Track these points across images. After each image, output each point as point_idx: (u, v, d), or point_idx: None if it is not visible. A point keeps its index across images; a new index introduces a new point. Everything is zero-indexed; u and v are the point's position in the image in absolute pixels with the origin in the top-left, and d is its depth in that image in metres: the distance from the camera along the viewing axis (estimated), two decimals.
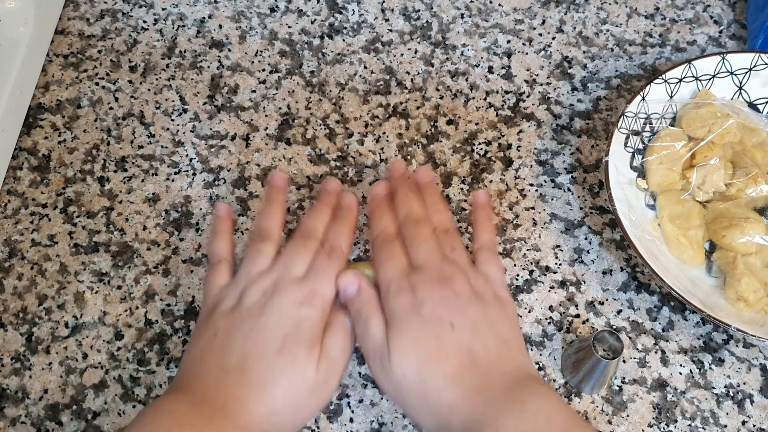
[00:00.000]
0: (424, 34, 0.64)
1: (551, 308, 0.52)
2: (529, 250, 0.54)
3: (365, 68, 0.62)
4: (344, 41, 0.63)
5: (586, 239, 0.55)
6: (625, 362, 0.51)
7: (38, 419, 0.47)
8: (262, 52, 0.62)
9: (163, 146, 0.58)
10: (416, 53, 0.63)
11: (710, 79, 0.58)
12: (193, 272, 0.52)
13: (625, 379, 0.50)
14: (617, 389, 0.50)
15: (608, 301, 0.53)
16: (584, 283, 0.53)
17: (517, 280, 0.53)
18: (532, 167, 0.58)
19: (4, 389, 0.48)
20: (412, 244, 0.46)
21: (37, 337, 0.50)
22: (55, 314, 0.51)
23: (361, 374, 0.49)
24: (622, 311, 0.52)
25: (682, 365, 0.51)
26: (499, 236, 0.55)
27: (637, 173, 0.56)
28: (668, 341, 0.51)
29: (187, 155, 0.57)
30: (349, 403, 0.48)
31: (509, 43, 0.64)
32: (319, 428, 0.48)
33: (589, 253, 0.55)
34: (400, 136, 0.59)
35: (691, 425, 0.49)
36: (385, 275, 0.45)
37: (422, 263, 0.45)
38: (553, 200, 0.57)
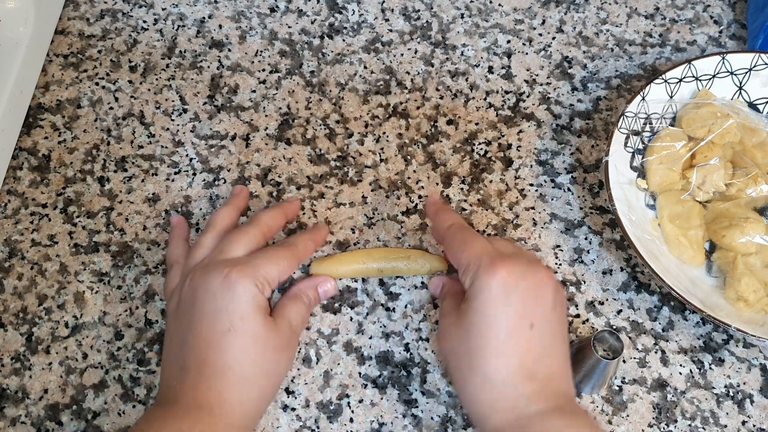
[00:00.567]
0: (424, 34, 0.64)
1: None
2: (529, 250, 0.54)
3: (365, 68, 0.62)
4: (344, 41, 0.63)
5: (586, 239, 0.55)
6: (625, 362, 0.51)
7: (38, 419, 0.47)
8: (262, 52, 0.62)
9: (163, 146, 0.58)
10: (416, 53, 0.63)
11: (710, 79, 0.58)
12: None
13: (625, 379, 0.50)
14: (617, 389, 0.50)
15: (608, 301, 0.53)
16: (584, 283, 0.53)
17: None
18: (532, 167, 0.58)
19: (4, 389, 0.48)
20: (492, 239, 0.45)
21: (37, 337, 0.50)
22: (55, 314, 0.51)
23: (361, 374, 0.49)
24: (622, 311, 0.52)
25: (682, 365, 0.51)
26: (499, 236, 0.55)
27: (637, 173, 0.56)
28: (668, 341, 0.51)
29: (187, 155, 0.57)
30: (349, 403, 0.48)
31: (509, 43, 0.64)
32: (319, 428, 0.48)
33: (589, 253, 0.55)
34: (400, 136, 0.59)
35: (691, 425, 0.49)
36: (474, 250, 0.42)
37: (511, 252, 0.43)
38: (553, 200, 0.57)
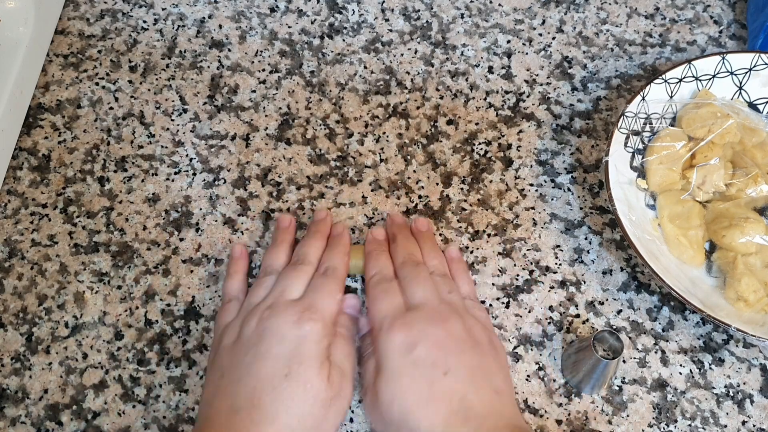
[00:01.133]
0: (424, 34, 0.64)
1: (551, 308, 0.52)
2: (529, 250, 0.54)
3: (365, 68, 0.62)
4: (344, 41, 0.63)
5: (586, 239, 0.55)
6: (625, 362, 0.51)
7: (38, 419, 0.47)
8: (262, 52, 0.62)
9: (163, 146, 0.58)
10: (416, 53, 0.63)
11: (710, 79, 0.58)
12: (193, 272, 0.52)
13: (625, 379, 0.50)
14: (617, 389, 0.50)
15: (608, 301, 0.53)
16: (584, 283, 0.53)
17: (517, 280, 0.53)
18: (532, 167, 0.58)
19: (4, 389, 0.48)
20: (410, 284, 0.46)
21: (37, 337, 0.50)
22: (55, 314, 0.51)
23: (361, 374, 0.49)
24: (622, 311, 0.52)
25: (682, 365, 0.51)
26: (499, 236, 0.55)
27: (637, 173, 0.56)
28: (668, 341, 0.51)
29: (187, 155, 0.57)
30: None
31: (509, 43, 0.64)
32: None
33: (589, 253, 0.55)
34: (400, 136, 0.59)
35: (691, 425, 0.49)
36: (379, 312, 0.44)
37: (419, 303, 0.44)
38: (553, 200, 0.57)
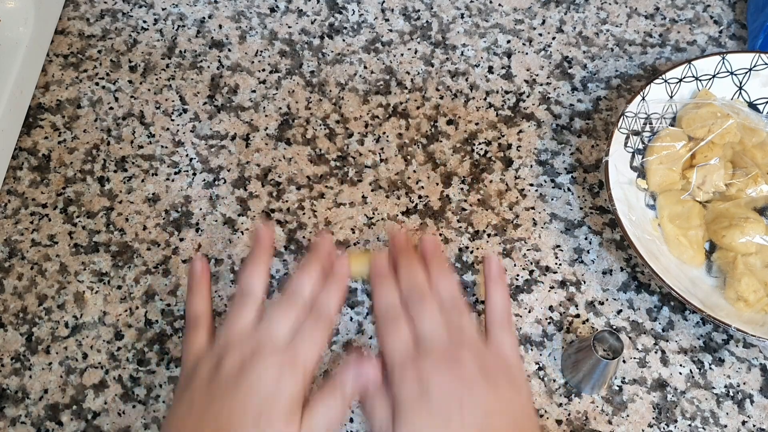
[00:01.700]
0: (424, 34, 0.64)
1: (551, 308, 0.52)
2: (529, 250, 0.54)
3: (365, 68, 0.62)
4: (344, 41, 0.63)
5: (586, 239, 0.55)
6: (625, 362, 0.51)
7: (38, 419, 0.47)
8: (262, 52, 0.62)
9: (163, 146, 0.58)
10: (416, 53, 0.63)
11: (710, 79, 0.58)
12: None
13: (625, 379, 0.50)
14: (617, 389, 0.50)
15: (608, 301, 0.53)
16: (584, 283, 0.53)
17: (517, 280, 0.53)
18: (532, 167, 0.58)
19: (4, 389, 0.48)
20: (417, 317, 0.44)
21: (37, 337, 0.50)
22: (55, 314, 0.51)
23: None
24: (622, 311, 0.52)
25: (682, 365, 0.51)
26: (499, 236, 0.55)
27: (637, 173, 0.56)
28: (668, 341, 0.51)
29: (187, 155, 0.57)
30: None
31: (509, 43, 0.64)
32: None
33: (589, 253, 0.55)
34: (400, 136, 0.59)
35: (691, 425, 0.49)
36: (389, 352, 0.42)
37: (429, 340, 0.42)
38: (553, 200, 0.57)
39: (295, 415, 0.40)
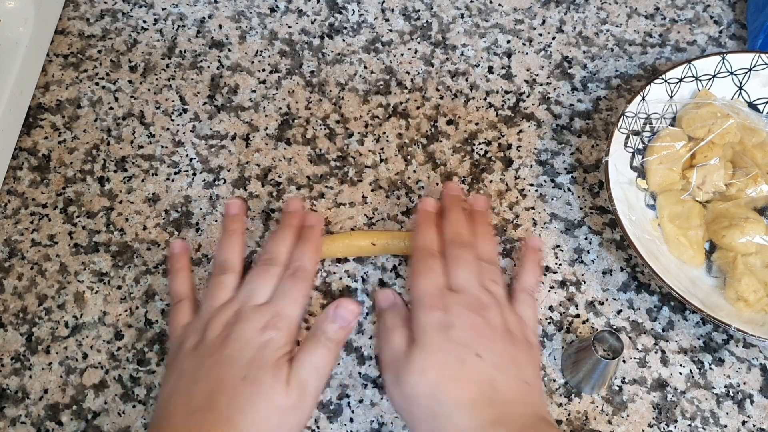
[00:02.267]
0: (424, 34, 0.64)
1: (551, 308, 0.52)
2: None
3: (365, 68, 0.62)
4: (344, 41, 0.63)
5: (586, 239, 0.55)
6: (625, 362, 0.51)
7: (38, 419, 0.47)
8: (262, 52, 0.62)
9: (163, 146, 0.58)
10: (416, 53, 0.63)
11: (710, 79, 0.58)
12: (193, 272, 0.52)
13: (625, 379, 0.50)
14: (617, 389, 0.50)
15: (608, 301, 0.53)
16: (584, 283, 0.53)
17: None
18: (532, 167, 0.58)
19: (4, 389, 0.48)
20: (453, 265, 0.45)
21: (37, 337, 0.50)
22: (55, 314, 0.51)
23: (361, 374, 0.49)
24: (622, 311, 0.52)
25: (682, 365, 0.51)
26: (499, 237, 0.55)
27: (637, 173, 0.56)
28: (668, 341, 0.51)
29: (187, 155, 0.57)
30: (349, 403, 0.48)
31: (509, 43, 0.64)
32: (319, 428, 0.48)
33: (589, 253, 0.55)
34: (400, 136, 0.59)
35: (691, 425, 0.49)
36: (419, 288, 0.44)
37: (460, 287, 0.44)
38: (553, 200, 0.57)
39: (282, 364, 0.42)
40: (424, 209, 0.49)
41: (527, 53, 0.63)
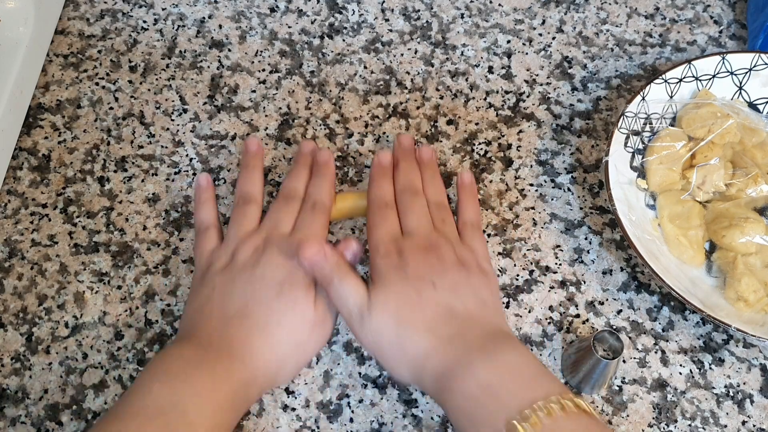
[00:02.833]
0: (424, 34, 0.64)
1: (551, 308, 0.52)
2: (529, 250, 0.54)
3: (365, 68, 0.62)
4: (344, 41, 0.63)
5: (586, 239, 0.55)
6: (625, 362, 0.51)
7: (38, 419, 0.47)
8: (262, 52, 0.62)
9: (163, 146, 0.58)
10: (416, 53, 0.63)
11: (710, 79, 0.58)
12: (193, 272, 0.52)
13: (625, 379, 0.50)
14: (617, 389, 0.50)
15: (608, 301, 0.53)
16: (584, 283, 0.53)
17: (517, 280, 0.53)
18: (532, 167, 0.58)
19: (4, 389, 0.48)
20: (406, 212, 0.48)
21: (37, 337, 0.50)
22: (55, 314, 0.51)
23: (361, 374, 0.49)
24: (622, 311, 0.52)
25: (682, 365, 0.51)
26: (499, 236, 0.55)
27: (637, 173, 0.56)
28: (668, 341, 0.51)
29: (187, 155, 0.57)
30: (349, 403, 0.48)
31: (509, 43, 0.64)
32: (319, 428, 0.48)
33: (589, 253, 0.55)
34: None
35: (691, 425, 0.49)
36: (375, 237, 0.47)
37: (413, 230, 0.47)
38: (553, 200, 0.57)
39: (311, 285, 0.45)
40: (378, 162, 0.52)
41: (527, 53, 0.63)
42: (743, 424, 0.49)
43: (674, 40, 0.65)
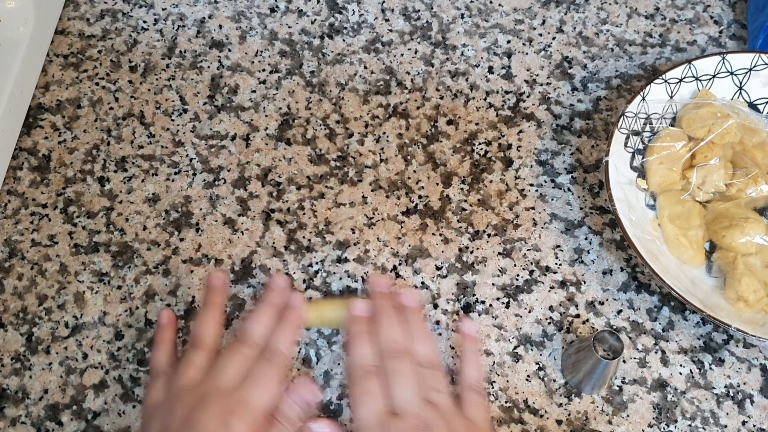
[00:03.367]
0: (424, 34, 0.64)
1: (551, 308, 0.52)
2: (529, 250, 0.54)
3: (365, 68, 0.62)
4: (344, 41, 0.63)
5: (586, 239, 0.55)
6: (625, 362, 0.51)
7: (38, 419, 0.47)
8: (262, 52, 0.62)
9: (163, 146, 0.58)
10: (416, 53, 0.63)
11: (710, 79, 0.58)
12: (193, 272, 0.52)
13: (625, 379, 0.50)
14: (617, 389, 0.50)
15: (608, 301, 0.53)
16: (584, 283, 0.53)
17: (517, 280, 0.53)
18: (532, 167, 0.58)
19: (4, 389, 0.48)
20: (392, 381, 0.43)
21: (37, 337, 0.50)
22: (55, 314, 0.51)
23: None
24: (622, 311, 0.52)
25: (682, 365, 0.51)
26: (499, 236, 0.55)
27: (637, 173, 0.56)
28: (668, 341, 0.51)
29: (187, 155, 0.57)
30: (349, 403, 0.48)
31: (509, 43, 0.64)
32: None
33: (589, 253, 0.55)
34: (400, 136, 0.59)
35: (691, 425, 0.49)
36: (360, 418, 0.42)
37: (402, 408, 0.42)
38: (553, 200, 0.57)
39: None
40: (353, 318, 0.46)
41: (527, 53, 0.63)
42: (743, 424, 0.49)
43: (674, 40, 0.65)
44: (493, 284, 0.53)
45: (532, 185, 0.57)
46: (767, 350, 0.52)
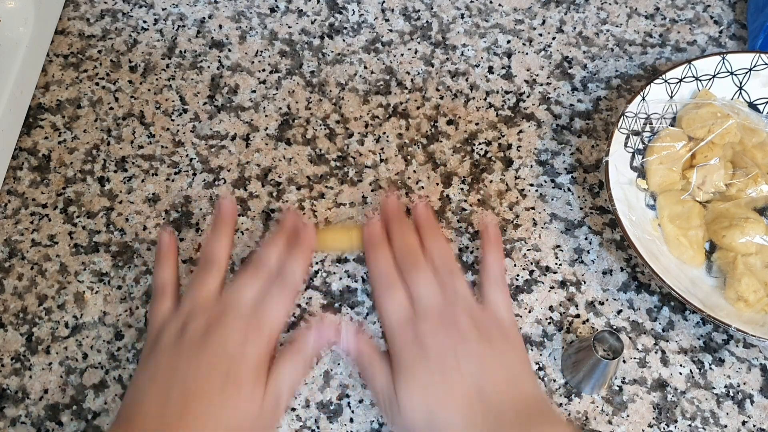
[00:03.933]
0: (424, 34, 0.64)
1: (551, 308, 0.52)
2: (529, 250, 0.54)
3: (365, 68, 0.62)
4: (344, 41, 0.63)
5: (586, 239, 0.55)
6: (625, 362, 0.51)
7: (38, 419, 0.47)
8: (262, 52, 0.62)
9: (163, 146, 0.58)
10: (416, 53, 0.63)
11: (710, 79, 0.58)
12: (193, 272, 0.52)
13: (625, 379, 0.50)
14: (617, 389, 0.50)
15: (608, 301, 0.53)
16: (584, 283, 0.53)
17: (517, 280, 0.53)
18: (532, 167, 0.58)
19: (4, 389, 0.48)
20: (412, 282, 0.45)
21: (37, 337, 0.50)
22: (55, 314, 0.51)
23: (361, 374, 0.49)
24: (622, 311, 0.52)
25: (682, 365, 0.51)
26: (500, 236, 0.55)
27: (637, 173, 0.56)
28: (668, 341, 0.51)
29: (187, 155, 0.57)
30: (349, 403, 0.48)
31: (509, 43, 0.64)
32: (319, 428, 0.48)
33: (589, 253, 0.55)
34: (400, 136, 0.59)
35: (691, 425, 0.49)
36: (388, 322, 0.44)
37: (425, 306, 0.44)
38: (553, 200, 0.57)
39: (260, 376, 0.42)
40: (368, 235, 0.48)
41: (527, 53, 0.63)
42: (743, 424, 0.49)
43: (674, 40, 0.65)
44: None
45: (532, 185, 0.57)
46: (767, 350, 0.52)
